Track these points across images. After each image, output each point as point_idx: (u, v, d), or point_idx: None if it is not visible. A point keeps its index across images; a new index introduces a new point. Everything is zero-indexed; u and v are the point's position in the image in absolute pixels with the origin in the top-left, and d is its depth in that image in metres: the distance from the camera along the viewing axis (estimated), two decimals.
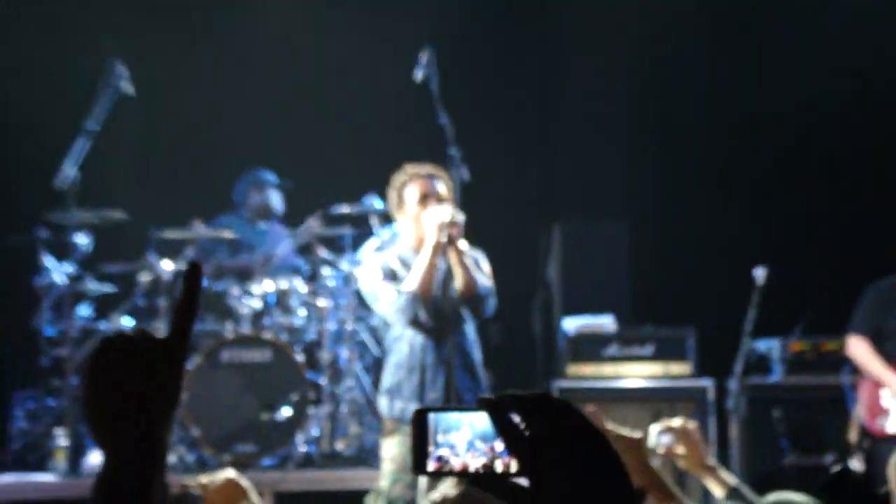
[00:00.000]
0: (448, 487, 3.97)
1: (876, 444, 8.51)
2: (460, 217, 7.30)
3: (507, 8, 11.51)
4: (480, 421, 1.73)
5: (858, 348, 8.68)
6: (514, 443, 1.69)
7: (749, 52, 11.37)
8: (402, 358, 7.44)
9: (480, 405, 1.72)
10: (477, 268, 7.50)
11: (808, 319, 9.57)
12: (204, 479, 4.58)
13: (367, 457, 8.92)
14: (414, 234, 7.46)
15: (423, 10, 10.80)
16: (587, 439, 1.68)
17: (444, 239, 7.17)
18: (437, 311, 7.36)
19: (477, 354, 7.59)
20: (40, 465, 8.80)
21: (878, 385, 8.58)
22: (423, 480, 6.31)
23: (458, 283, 7.31)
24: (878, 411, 8.57)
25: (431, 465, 1.76)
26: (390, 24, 10.77)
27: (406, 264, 7.44)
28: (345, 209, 9.36)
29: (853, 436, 8.77)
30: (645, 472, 4.27)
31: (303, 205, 9.94)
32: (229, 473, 4.55)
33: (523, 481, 1.70)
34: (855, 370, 8.90)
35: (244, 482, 4.57)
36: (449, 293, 7.35)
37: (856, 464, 8.69)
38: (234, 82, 10.90)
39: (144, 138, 10.49)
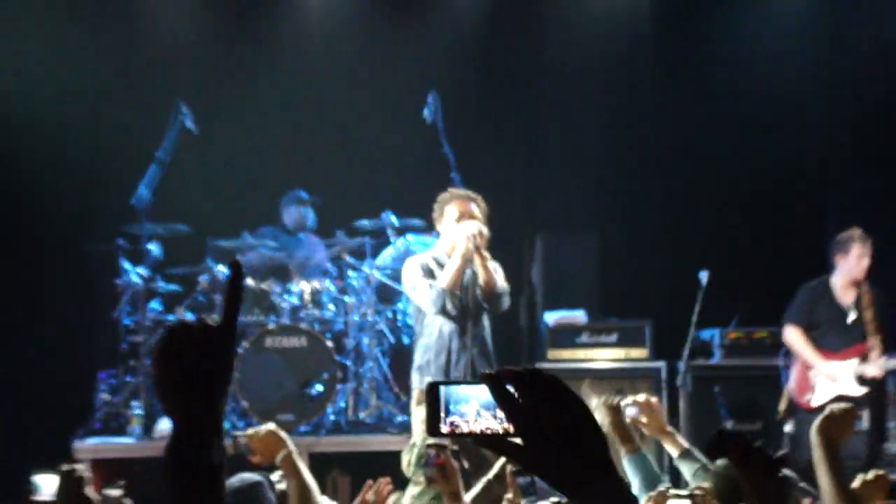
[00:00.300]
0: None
1: (802, 416, 8.66)
2: (486, 231, 7.52)
3: (498, 57, 11.42)
4: (485, 393, 1.76)
5: (793, 336, 8.84)
6: (510, 409, 1.72)
7: (697, 82, 11.38)
8: (431, 341, 7.61)
9: (482, 379, 1.75)
10: (496, 273, 7.70)
11: (741, 313, 9.79)
12: (250, 431, 4.67)
13: (384, 425, 9.05)
14: (448, 242, 7.65)
15: (430, 60, 10.91)
16: (569, 406, 1.71)
17: (472, 246, 7.38)
18: (462, 305, 7.55)
19: (490, 345, 7.77)
20: (120, 430, 8.93)
21: (807, 367, 8.77)
22: None
23: (481, 281, 7.51)
24: (807, 388, 8.78)
25: (445, 429, 1.79)
26: (403, 71, 10.84)
27: (440, 264, 7.64)
28: (365, 223, 9.53)
29: (783, 407, 8.95)
30: (619, 427, 4.66)
31: (332, 218, 10.07)
32: (270, 426, 4.62)
33: (519, 441, 1.73)
34: (788, 354, 9.01)
35: (282, 434, 4.62)
36: (473, 291, 7.55)
37: (788, 428, 8.84)
38: (275, 118, 10.84)
39: (203, 164, 10.42)
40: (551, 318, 10.00)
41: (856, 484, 3.87)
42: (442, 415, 1.81)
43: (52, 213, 10.31)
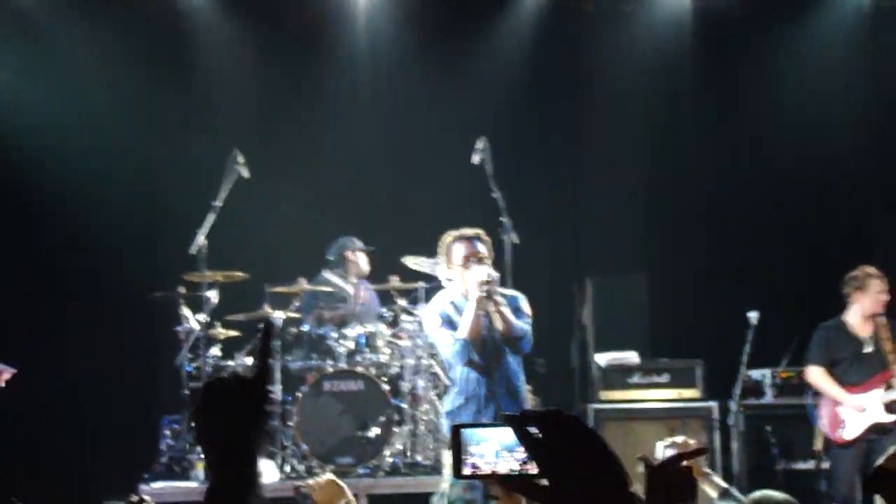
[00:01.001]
0: None
1: (835, 451, 8.87)
2: (495, 274, 7.30)
3: (544, 100, 11.52)
4: (505, 435, 1.79)
5: (817, 375, 8.95)
6: (534, 450, 1.73)
7: (744, 124, 11.45)
8: (460, 389, 7.46)
9: (505, 420, 1.78)
10: (516, 310, 7.48)
11: (792, 352, 9.75)
12: (310, 481, 4.74)
13: (441, 466, 8.67)
14: (461, 284, 7.46)
15: (477, 105, 11.06)
16: (592, 446, 1.72)
17: (484, 293, 7.20)
18: (484, 351, 7.38)
19: (519, 382, 7.55)
20: (184, 474, 9.06)
21: (835, 403, 8.84)
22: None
23: (498, 327, 7.33)
24: (838, 424, 8.83)
25: (468, 471, 1.81)
26: (451, 116, 10.96)
27: (458, 309, 7.45)
28: (421, 259, 9.39)
29: (819, 445, 9.05)
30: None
31: (384, 262, 10.11)
32: (330, 476, 4.72)
33: (543, 481, 1.74)
34: (816, 393, 9.08)
35: (341, 483, 4.71)
36: (493, 335, 7.36)
37: (824, 465, 9.00)
38: (328, 164, 11.02)
39: (258, 211, 10.59)
40: (603, 359, 10.06)
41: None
42: (464, 457, 1.82)
43: (116, 264, 10.51)
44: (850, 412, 8.85)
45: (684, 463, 4.67)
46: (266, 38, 11.40)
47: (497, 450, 1.80)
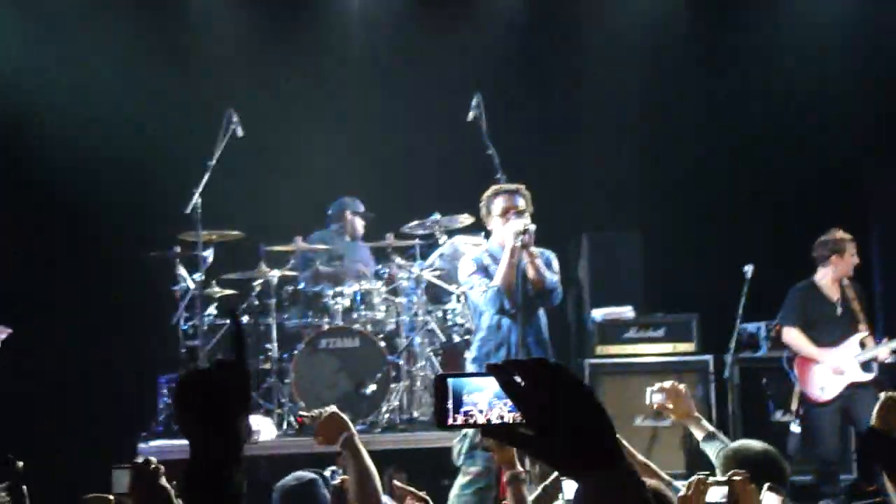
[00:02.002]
0: None
1: (814, 410, 8.93)
2: (532, 226, 7.46)
3: (539, 56, 11.51)
4: (496, 384, 1.75)
5: (793, 335, 9.04)
6: (518, 399, 1.71)
7: (740, 78, 11.45)
8: (490, 335, 7.63)
9: (488, 370, 1.74)
10: (548, 266, 7.72)
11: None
12: (315, 412, 4.75)
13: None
14: (499, 237, 7.65)
15: (472, 61, 11.05)
16: (576, 394, 1.70)
17: (520, 244, 7.38)
18: (517, 300, 7.53)
19: (546, 334, 7.83)
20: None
21: (811, 362, 8.93)
22: None
23: (531, 277, 7.53)
24: (815, 383, 8.91)
25: (460, 419, 1.78)
26: (446, 73, 10.94)
27: (494, 258, 7.65)
28: (414, 225, 9.50)
29: (795, 404, 9.12)
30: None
31: (380, 220, 10.14)
32: (333, 408, 4.70)
33: (528, 430, 1.72)
34: (791, 355, 9.11)
35: (344, 416, 4.69)
36: (525, 286, 7.54)
37: (795, 426, 9.04)
38: (321, 123, 10.92)
39: (253, 170, 10.57)
40: (599, 313, 10.07)
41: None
42: (450, 406, 1.79)
43: (110, 223, 10.46)
44: (828, 372, 8.90)
45: (671, 405, 4.76)
46: None
47: (490, 399, 1.78)
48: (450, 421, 1.79)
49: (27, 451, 8.25)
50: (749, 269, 9.14)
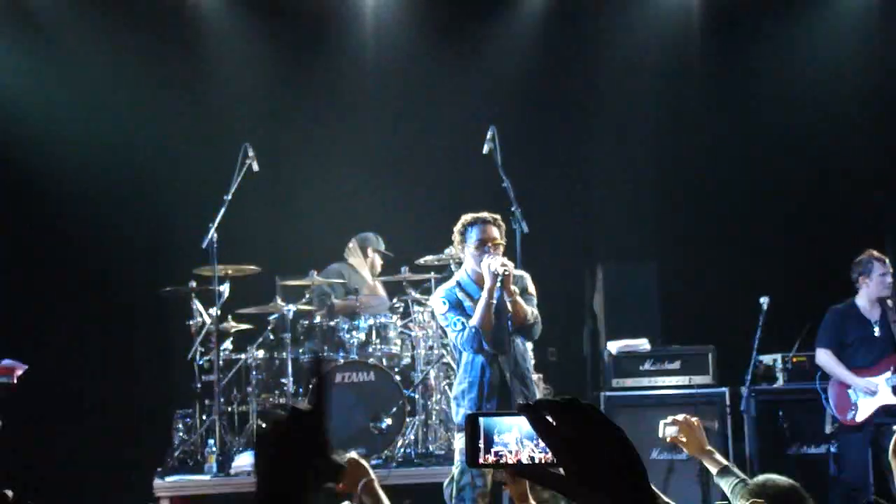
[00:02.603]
0: None
1: (846, 434, 8.89)
2: (510, 265, 7.26)
3: (553, 89, 11.45)
4: (525, 423, 1.74)
5: (826, 358, 8.98)
6: (549, 439, 1.69)
7: (751, 110, 11.37)
8: (465, 372, 7.37)
9: (519, 410, 1.72)
10: (524, 291, 7.45)
11: (804, 337, 9.63)
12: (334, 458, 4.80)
13: (453, 455, 8.53)
14: (472, 268, 7.41)
15: (486, 94, 11.01)
16: (607, 435, 1.68)
17: (499, 284, 7.16)
18: (495, 338, 7.31)
19: (527, 363, 7.55)
20: (197, 467, 8.97)
21: (844, 386, 8.87)
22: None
23: (511, 316, 7.25)
24: (848, 406, 8.85)
25: (490, 459, 1.77)
26: (460, 107, 10.88)
27: (466, 292, 7.41)
28: (429, 258, 9.45)
29: (829, 428, 9.07)
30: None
31: (395, 254, 10.10)
32: (352, 454, 4.52)
33: (559, 470, 1.70)
34: (823, 376, 9.06)
35: (364, 462, 4.50)
36: (504, 321, 7.29)
37: (833, 448, 9.02)
38: (337, 157, 10.94)
39: (268, 205, 10.59)
40: (614, 346, 9.99)
41: None
42: (482, 445, 1.79)
43: (126, 258, 10.48)
44: (860, 395, 8.84)
45: (684, 438, 4.71)
46: (275, 31, 11.32)
47: (518, 437, 1.77)
48: (481, 460, 1.79)
49: (44, 485, 8.35)
50: (765, 301, 9.06)
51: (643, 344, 9.99)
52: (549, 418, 1.69)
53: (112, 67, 10.79)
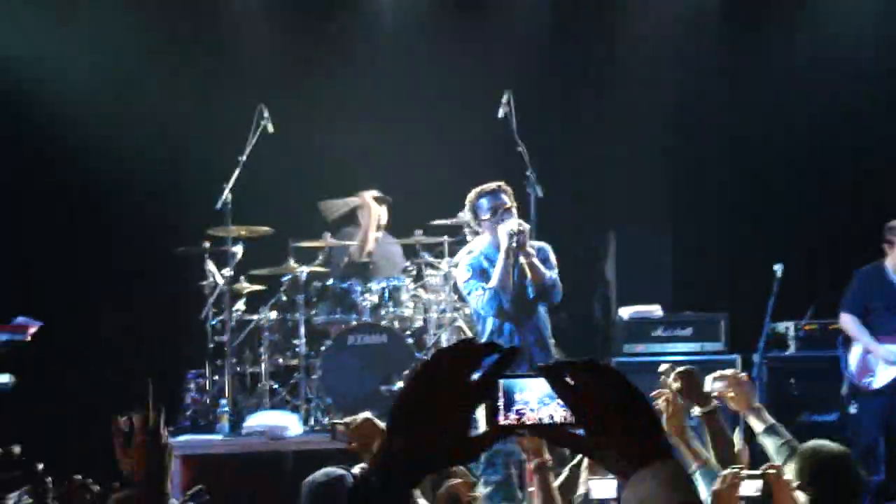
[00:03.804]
0: None
1: (862, 399, 8.83)
2: (526, 226, 7.44)
3: (568, 53, 11.38)
4: (544, 384, 1.76)
5: (850, 322, 8.91)
6: (568, 399, 1.72)
7: (767, 75, 11.28)
8: (493, 340, 7.40)
9: (539, 371, 1.75)
10: (545, 261, 7.60)
11: (816, 305, 9.70)
12: (347, 419, 4.64)
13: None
14: (492, 237, 7.57)
15: (501, 58, 10.92)
16: (625, 392, 1.71)
17: (515, 244, 7.31)
18: (515, 301, 7.49)
19: (548, 333, 7.71)
20: (209, 427, 8.91)
21: (865, 350, 8.82)
22: None
23: (530, 278, 7.46)
24: (866, 372, 8.81)
25: (512, 417, 1.76)
26: (475, 70, 10.80)
27: (491, 261, 7.55)
28: (443, 221, 9.41)
29: (844, 391, 9.02)
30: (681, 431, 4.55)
31: (410, 217, 9.96)
32: (367, 414, 4.60)
33: (579, 430, 1.73)
34: (846, 339, 9.03)
35: (379, 422, 4.61)
36: (523, 285, 7.50)
37: (851, 410, 8.95)
38: (351, 119, 10.81)
39: (283, 166, 10.49)
40: (626, 312, 9.95)
41: None
42: (501, 405, 1.78)
43: (140, 219, 10.42)
44: (879, 361, 8.76)
45: (731, 394, 4.61)
46: None
47: (539, 397, 1.78)
48: (501, 419, 1.78)
49: (58, 440, 8.32)
50: (779, 268, 8.86)
51: (656, 310, 9.95)
52: (569, 379, 1.72)
53: (127, 29, 10.67)
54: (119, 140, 10.39)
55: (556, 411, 1.77)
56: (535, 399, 1.78)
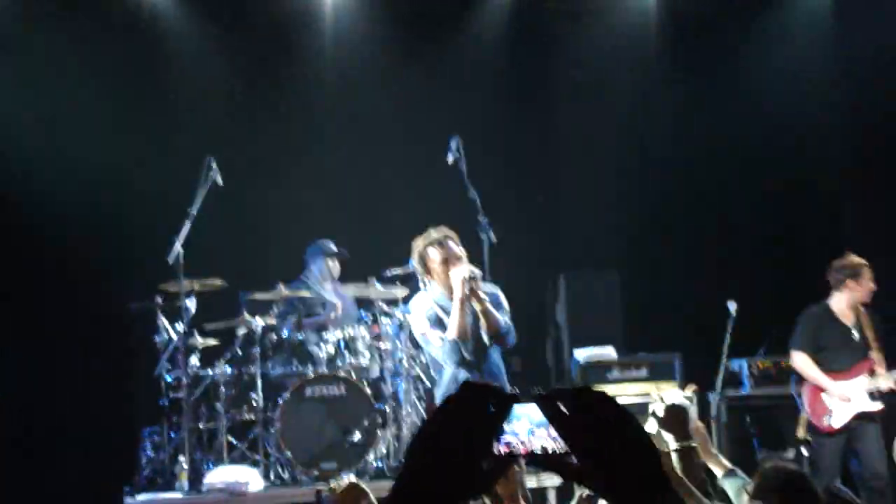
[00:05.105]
0: None
1: (821, 439, 8.68)
2: (477, 272, 7.37)
3: (517, 104, 11.39)
4: (535, 412, 1.70)
5: (802, 361, 8.79)
6: (563, 428, 1.67)
7: (712, 116, 11.27)
8: (446, 390, 7.38)
9: (533, 399, 1.70)
10: (498, 305, 7.50)
11: (768, 342, 9.68)
12: (332, 484, 4.56)
13: None
14: (444, 286, 7.45)
15: (451, 107, 10.79)
16: (621, 423, 1.66)
17: (468, 290, 7.24)
18: (472, 348, 7.38)
19: (503, 377, 7.59)
20: (167, 485, 8.65)
21: (819, 390, 8.69)
22: None
23: (484, 325, 7.36)
24: (823, 411, 8.68)
25: (501, 449, 1.70)
26: (424, 117, 10.71)
27: (445, 310, 7.43)
28: (396, 271, 9.18)
29: (801, 433, 8.82)
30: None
31: (363, 266, 9.77)
32: (352, 478, 4.52)
33: (574, 460, 1.68)
34: (800, 380, 8.93)
35: (363, 485, 4.54)
36: (477, 331, 7.39)
37: (805, 454, 8.72)
38: (302, 169, 10.75)
39: (234, 218, 10.36)
40: (581, 354, 9.88)
41: None
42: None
43: (91, 274, 10.14)
44: (836, 400, 8.68)
45: (693, 443, 4.62)
46: (236, 45, 11.10)
47: (529, 427, 1.71)
48: (497, 450, 1.71)
49: None
50: (733, 306, 8.92)
51: (610, 352, 9.88)
52: (562, 407, 1.67)
53: (72, 81, 10.47)
54: (66, 195, 10.16)
55: (547, 441, 1.70)
56: (524, 429, 1.72)
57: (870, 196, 11.17)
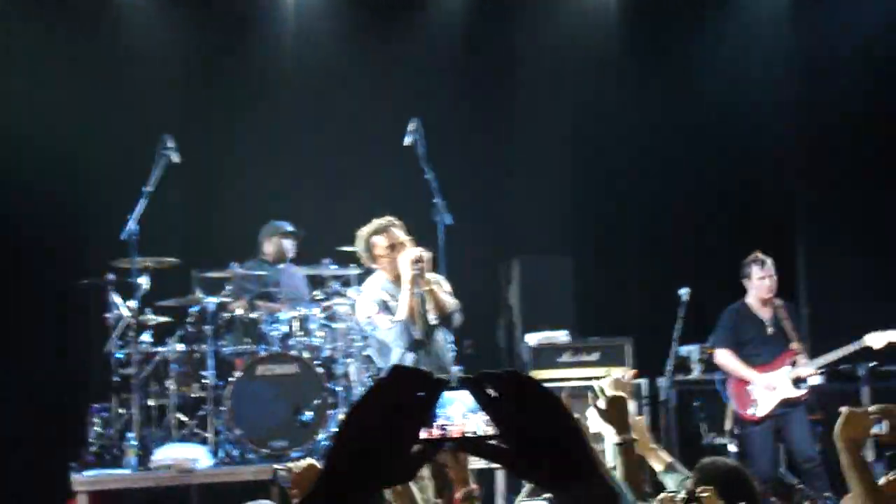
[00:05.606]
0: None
1: (748, 429, 8.82)
2: (427, 253, 7.48)
3: (473, 82, 11.38)
4: (468, 397, 1.69)
5: (725, 357, 8.94)
6: (491, 411, 1.66)
7: (668, 103, 11.33)
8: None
9: (461, 383, 1.69)
10: (441, 289, 7.67)
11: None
12: (290, 464, 4.51)
13: None
14: (390, 272, 7.60)
15: (410, 89, 10.80)
16: (548, 405, 1.66)
17: (417, 272, 7.37)
18: (421, 330, 7.52)
19: (448, 357, 7.73)
20: (115, 462, 8.59)
21: (743, 382, 8.83)
22: None
23: (431, 306, 7.48)
24: (748, 402, 8.79)
25: (435, 432, 1.69)
26: (383, 98, 10.67)
27: (392, 295, 7.56)
28: (350, 248, 8.67)
29: (728, 424, 9.01)
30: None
31: (317, 246, 9.78)
32: (310, 460, 4.48)
33: (501, 443, 1.67)
34: (724, 375, 9.02)
35: (321, 466, 4.51)
36: (426, 313, 7.52)
37: (733, 445, 8.89)
38: (259, 148, 10.71)
39: (189, 197, 10.29)
40: (533, 338, 9.85)
41: (882, 482, 3.77)
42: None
43: (43, 250, 10.03)
44: (760, 390, 8.80)
45: (634, 436, 4.59)
46: (195, 21, 10.98)
47: (463, 412, 1.69)
48: (424, 434, 1.67)
49: None
50: (685, 292, 8.91)
51: (562, 336, 9.86)
52: (491, 391, 1.66)
53: (27, 58, 10.36)
54: (20, 170, 10.04)
55: (480, 425, 1.68)
56: (459, 413, 1.69)
57: (822, 185, 11.25)
